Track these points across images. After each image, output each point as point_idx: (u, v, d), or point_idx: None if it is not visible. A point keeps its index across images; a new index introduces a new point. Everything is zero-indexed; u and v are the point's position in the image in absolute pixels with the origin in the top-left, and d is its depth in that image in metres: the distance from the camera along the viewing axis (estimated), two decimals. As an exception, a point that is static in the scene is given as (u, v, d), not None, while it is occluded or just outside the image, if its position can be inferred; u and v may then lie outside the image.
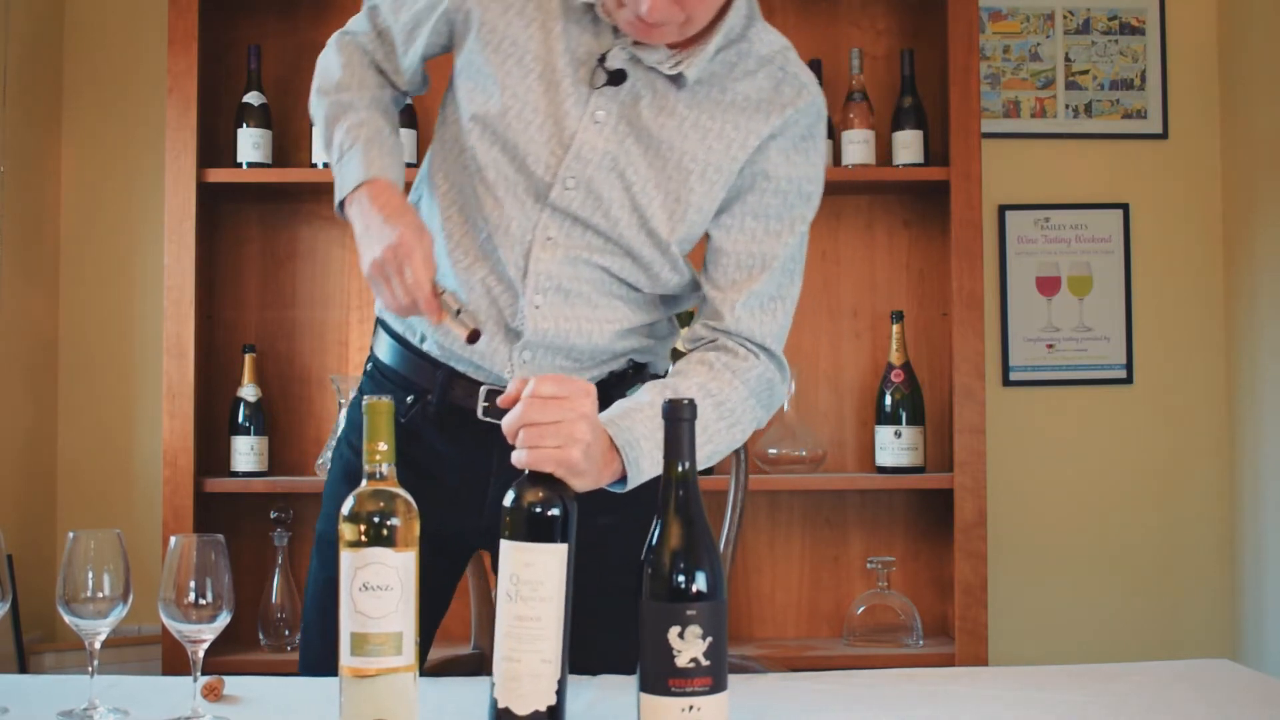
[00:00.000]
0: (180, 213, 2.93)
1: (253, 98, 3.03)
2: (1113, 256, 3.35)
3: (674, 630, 1.27)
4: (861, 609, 3.05)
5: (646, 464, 1.52)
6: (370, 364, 1.82)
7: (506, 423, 1.41)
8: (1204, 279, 3.38)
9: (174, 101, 2.93)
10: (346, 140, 1.67)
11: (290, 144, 3.15)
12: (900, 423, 3.04)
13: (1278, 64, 3.16)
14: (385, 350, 1.78)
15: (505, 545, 1.31)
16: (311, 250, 3.18)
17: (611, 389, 1.70)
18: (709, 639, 1.28)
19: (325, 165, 3.00)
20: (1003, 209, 3.34)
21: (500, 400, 1.45)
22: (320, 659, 1.68)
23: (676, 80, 1.65)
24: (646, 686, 1.29)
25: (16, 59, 3.00)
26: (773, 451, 3.06)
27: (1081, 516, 3.32)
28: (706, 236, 1.72)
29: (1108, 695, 1.52)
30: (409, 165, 2.57)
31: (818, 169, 1.72)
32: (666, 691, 1.28)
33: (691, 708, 1.27)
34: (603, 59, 1.64)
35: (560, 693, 1.31)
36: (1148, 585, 3.32)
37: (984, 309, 3.03)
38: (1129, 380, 3.34)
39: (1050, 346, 3.34)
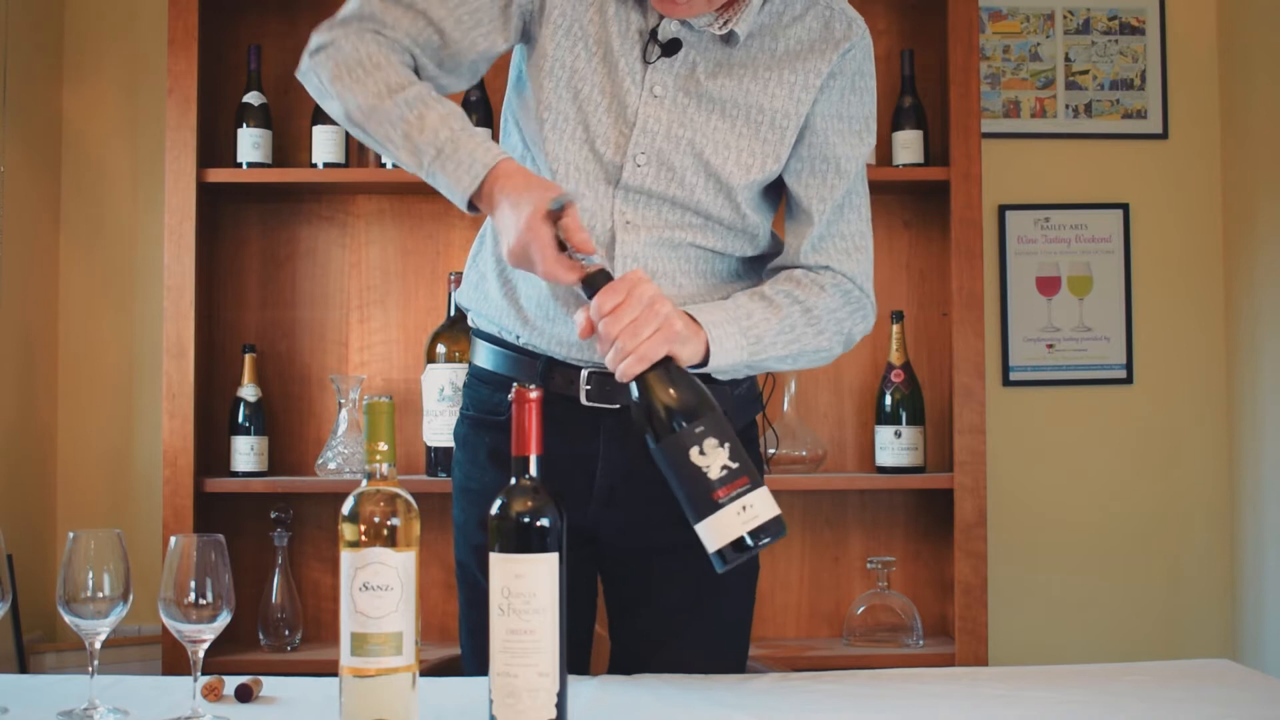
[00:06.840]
0: (180, 213, 2.93)
1: (253, 98, 3.03)
2: (1113, 256, 3.35)
3: (694, 451, 1.36)
4: (861, 609, 3.05)
5: (730, 344, 1.59)
6: (468, 376, 1.83)
7: (602, 334, 1.47)
8: (1204, 279, 3.38)
9: (174, 101, 2.93)
10: (443, 133, 1.58)
11: (290, 144, 3.14)
12: (900, 423, 3.04)
13: (1278, 64, 3.16)
14: (483, 356, 1.79)
15: (494, 557, 1.31)
16: (311, 250, 3.18)
17: None
18: (726, 444, 1.37)
19: (326, 165, 3.01)
20: (1003, 209, 3.34)
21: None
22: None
23: (729, 39, 1.68)
24: (698, 515, 1.37)
25: (16, 59, 3.00)
26: (773, 451, 3.06)
27: (1081, 516, 3.32)
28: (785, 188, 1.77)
29: (1108, 695, 1.52)
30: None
31: (873, 105, 1.78)
32: (716, 506, 1.35)
33: (745, 507, 1.35)
34: (654, 33, 1.67)
35: (561, 705, 1.31)
36: (1148, 585, 3.32)
37: (984, 309, 3.02)
38: (1129, 380, 3.34)
39: (1050, 346, 3.34)
